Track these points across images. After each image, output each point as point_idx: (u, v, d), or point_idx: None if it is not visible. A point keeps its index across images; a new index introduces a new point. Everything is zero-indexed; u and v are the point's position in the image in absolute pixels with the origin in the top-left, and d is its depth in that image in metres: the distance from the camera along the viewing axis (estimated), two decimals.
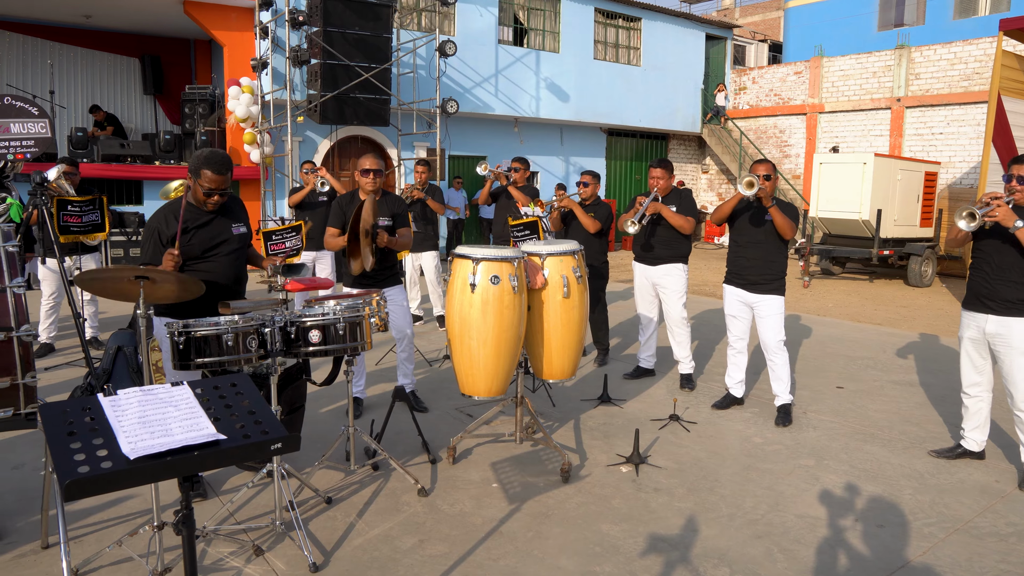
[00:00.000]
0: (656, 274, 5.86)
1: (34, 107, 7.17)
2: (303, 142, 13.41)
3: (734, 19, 28.18)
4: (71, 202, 6.12)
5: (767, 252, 5.05)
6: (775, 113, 19.08)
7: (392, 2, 12.20)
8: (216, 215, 3.69)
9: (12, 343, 2.68)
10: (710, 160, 20.62)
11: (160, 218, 3.57)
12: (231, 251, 3.74)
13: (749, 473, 4.24)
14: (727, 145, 19.28)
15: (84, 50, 14.75)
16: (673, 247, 5.77)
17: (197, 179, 3.56)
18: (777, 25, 26.98)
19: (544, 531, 3.52)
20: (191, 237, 3.58)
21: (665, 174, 5.71)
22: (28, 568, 3.14)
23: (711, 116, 19.54)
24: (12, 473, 4.13)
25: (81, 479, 1.65)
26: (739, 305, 5.25)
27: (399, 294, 4.99)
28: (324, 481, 4.03)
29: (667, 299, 5.87)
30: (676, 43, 18.68)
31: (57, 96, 13.53)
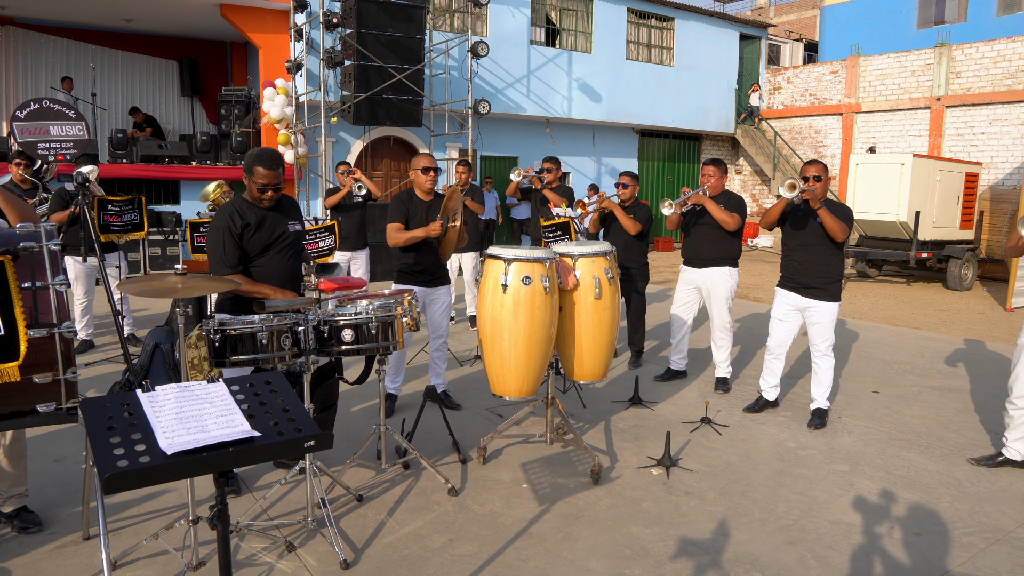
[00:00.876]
0: (702, 277, 5.77)
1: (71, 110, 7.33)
2: (336, 143, 13.55)
3: (768, 18, 27.85)
4: (111, 201, 6.26)
5: (819, 255, 4.92)
6: (810, 113, 18.83)
7: (425, 3, 12.27)
8: (272, 213, 3.78)
9: (54, 339, 2.74)
10: (743, 161, 20.41)
11: (225, 216, 3.66)
12: (287, 248, 3.82)
13: (782, 478, 4.19)
14: (761, 146, 19.06)
15: (125, 53, 15.07)
16: (720, 248, 5.67)
17: (251, 177, 3.67)
18: (813, 24, 26.61)
19: (574, 533, 3.51)
20: (252, 235, 3.67)
21: (717, 172, 5.64)
22: (69, 558, 3.22)
23: (745, 116, 19.34)
24: (54, 466, 4.23)
25: (120, 473, 1.68)
26: (789, 309, 5.14)
27: (446, 294, 5.06)
28: (355, 479, 4.06)
29: (713, 302, 5.77)
30: (710, 43, 18.52)
31: (98, 98, 13.83)
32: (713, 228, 5.64)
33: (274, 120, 12.46)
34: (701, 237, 5.73)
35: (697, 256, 5.78)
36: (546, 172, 7.08)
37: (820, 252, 4.92)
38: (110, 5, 12.93)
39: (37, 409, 2.79)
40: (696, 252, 5.79)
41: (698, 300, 5.91)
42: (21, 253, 2.66)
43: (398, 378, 5.11)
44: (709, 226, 5.66)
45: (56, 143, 6.97)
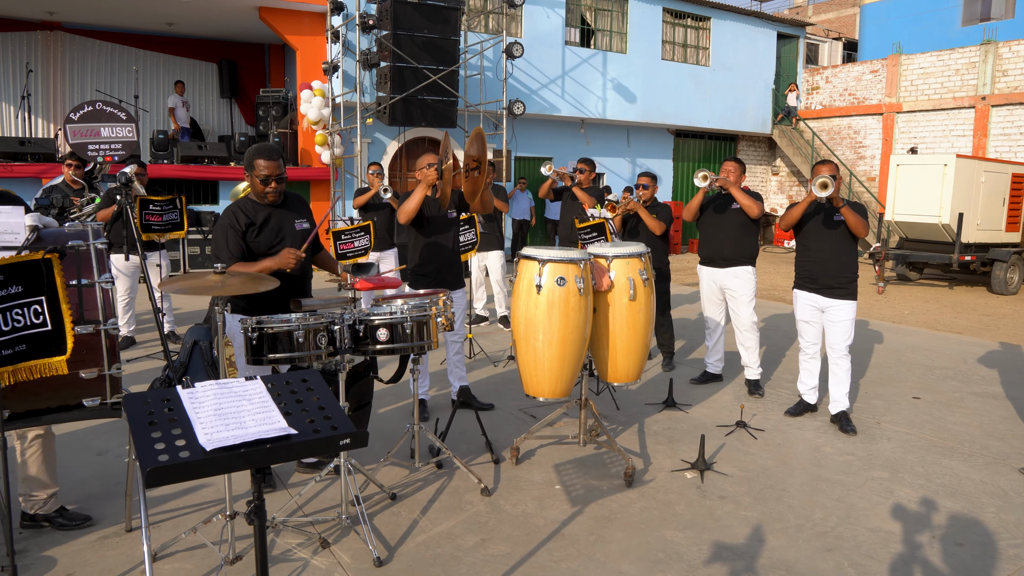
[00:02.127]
0: (724, 277, 5.75)
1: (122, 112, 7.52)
2: (372, 143, 13.66)
3: (807, 17, 27.45)
4: (152, 201, 6.38)
5: (839, 255, 4.93)
6: (849, 113, 18.51)
7: (460, 5, 12.32)
8: (279, 211, 3.79)
9: (100, 335, 2.80)
10: (780, 162, 20.14)
11: (229, 214, 3.69)
12: (294, 246, 3.82)
13: (818, 483, 4.12)
14: (798, 146, 18.79)
15: (166, 56, 15.38)
16: (741, 248, 5.65)
17: (253, 171, 3.69)
18: (852, 22, 26.16)
19: (607, 535, 3.49)
20: (258, 232, 3.69)
21: (737, 168, 5.63)
22: (112, 549, 3.29)
23: (782, 117, 19.08)
24: (97, 459, 4.32)
25: (161, 467, 1.71)
26: (811, 310, 5.12)
27: (461, 297, 5.08)
28: (389, 477, 4.09)
29: (735, 303, 5.75)
30: (746, 42, 18.32)
31: (141, 100, 14.13)
32: (734, 226, 5.64)
33: (311, 122, 12.61)
34: (722, 236, 5.71)
35: (719, 256, 5.75)
36: (579, 173, 7.06)
37: (840, 251, 4.94)
38: (153, 9, 13.20)
39: (83, 403, 2.87)
40: (718, 251, 5.76)
41: (724, 300, 5.87)
42: (68, 251, 2.72)
43: (425, 382, 5.13)
44: (730, 223, 5.65)
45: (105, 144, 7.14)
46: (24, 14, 13.59)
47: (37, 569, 3.12)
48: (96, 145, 7.08)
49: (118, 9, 13.15)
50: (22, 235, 2.53)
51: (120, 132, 7.23)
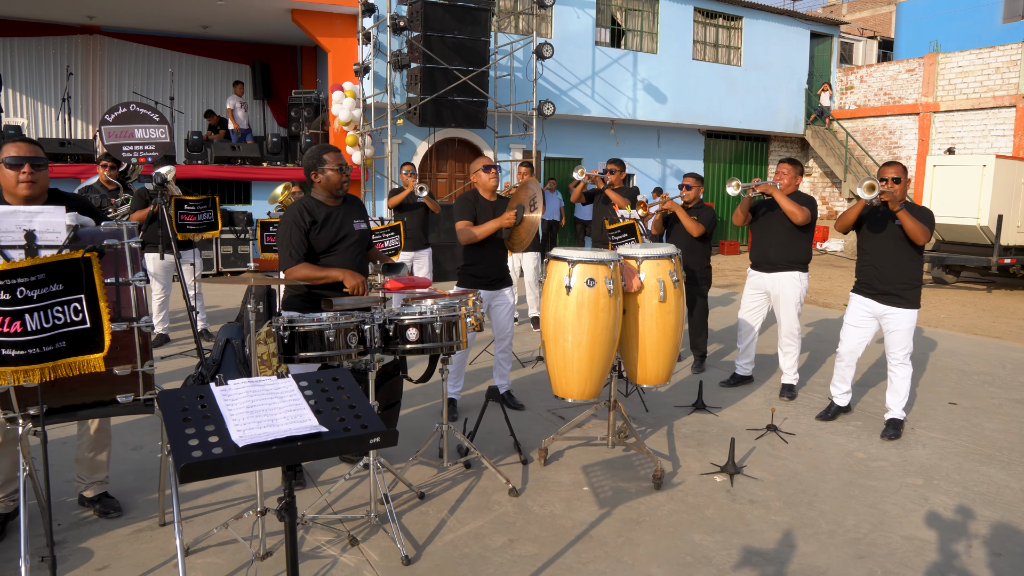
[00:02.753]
0: (771, 281, 5.63)
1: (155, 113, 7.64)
2: (402, 144, 13.74)
3: (841, 15, 27.06)
4: (188, 201, 6.49)
5: (898, 260, 4.75)
6: (884, 113, 18.22)
7: (490, 6, 12.34)
8: (339, 210, 3.86)
9: (133, 333, 2.85)
10: (813, 163, 19.88)
11: (294, 212, 3.77)
12: (353, 245, 3.89)
13: (851, 489, 4.06)
14: (831, 147, 18.53)
15: (201, 58, 15.63)
16: (790, 252, 5.52)
17: (323, 167, 3.77)
18: (888, 21, 25.75)
19: (635, 537, 3.47)
20: (319, 230, 3.76)
21: (792, 171, 5.49)
22: (146, 543, 3.35)
23: (815, 117, 18.83)
24: (132, 454, 4.40)
25: (195, 463, 1.74)
26: (864, 316, 4.98)
27: (510, 296, 5.09)
28: (417, 476, 4.11)
29: (781, 308, 5.63)
30: (779, 42, 18.11)
31: (176, 102, 14.37)
32: (782, 230, 5.50)
33: (343, 122, 12.72)
34: (770, 239, 5.58)
35: (766, 260, 5.64)
36: (609, 173, 7.04)
37: (899, 257, 4.75)
38: (189, 13, 13.42)
39: (117, 399, 2.92)
40: (765, 256, 5.65)
41: (766, 305, 5.78)
42: (105, 250, 2.77)
43: (458, 382, 5.13)
44: (779, 227, 5.52)
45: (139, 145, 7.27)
46: (65, 19, 13.91)
47: (75, 560, 3.19)
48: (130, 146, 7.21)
49: (155, 13, 13.40)
50: (63, 234, 2.58)
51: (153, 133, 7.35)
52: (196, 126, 15.06)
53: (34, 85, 14.27)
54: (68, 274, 2.38)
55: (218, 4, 12.63)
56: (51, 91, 14.29)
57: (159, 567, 3.15)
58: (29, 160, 3.07)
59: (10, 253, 2.53)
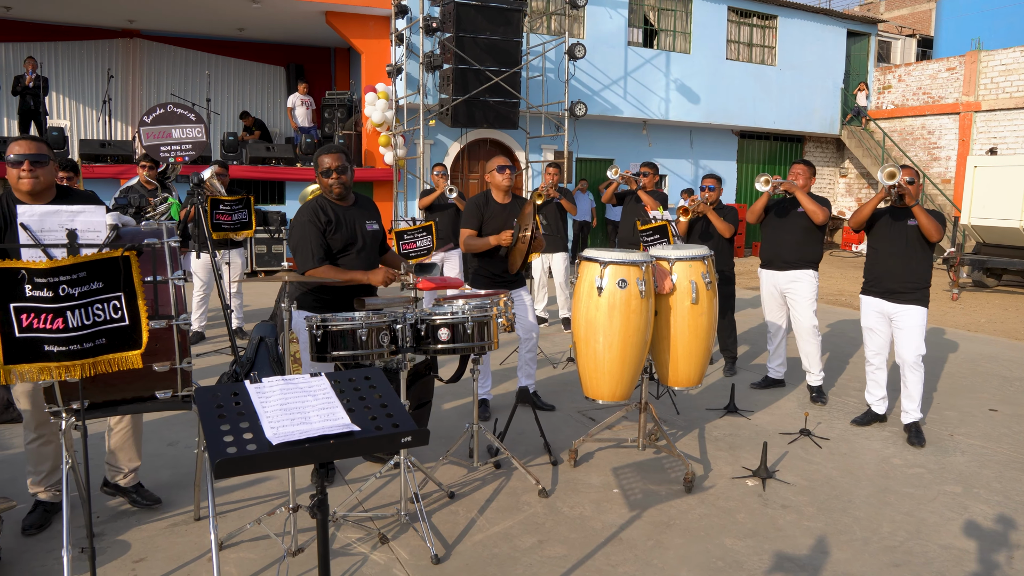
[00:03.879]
0: (784, 280, 5.63)
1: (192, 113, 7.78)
2: (434, 145, 13.80)
3: (879, 13, 26.60)
4: (223, 201, 6.59)
5: (908, 258, 4.76)
6: (923, 113, 17.86)
7: (522, 7, 12.34)
8: (351, 211, 3.88)
9: (172, 330, 2.91)
10: (849, 163, 19.57)
11: (308, 211, 3.80)
12: (366, 246, 3.92)
13: (886, 496, 3.98)
14: (868, 147, 18.21)
15: (237, 60, 15.86)
16: (802, 251, 5.51)
17: (319, 168, 3.82)
18: (927, 18, 25.25)
19: (665, 541, 3.45)
20: (333, 231, 3.79)
21: (806, 171, 5.52)
22: (181, 536, 3.41)
23: (851, 117, 18.53)
24: (168, 449, 4.49)
25: (230, 459, 1.76)
26: (877, 317, 4.96)
27: (525, 296, 5.08)
28: (447, 476, 4.12)
29: (796, 307, 5.61)
30: (814, 41, 17.85)
31: (212, 103, 14.61)
32: (797, 229, 5.51)
33: (375, 124, 12.81)
34: (784, 238, 5.59)
35: (779, 258, 5.63)
36: (642, 176, 7.02)
37: (910, 256, 4.77)
38: (226, 16, 13.63)
39: (156, 395, 2.98)
40: (778, 254, 5.64)
41: (785, 303, 5.73)
42: (144, 249, 2.83)
43: (486, 382, 5.14)
44: (793, 226, 5.53)
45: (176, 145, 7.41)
46: (107, 23, 14.23)
47: (112, 552, 3.26)
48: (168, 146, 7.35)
49: (193, 16, 13.63)
50: (103, 233, 2.64)
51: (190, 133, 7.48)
52: (232, 127, 15.28)
53: (77, 88, 14.60)
54: (108, 272, 2.44)
55: (254, 7, 12.81)
56: (93, 94, 14.62)
57: (193, 561, 3.20)
58: (28, 157, 3.15)
59: (53, 251, 2.60)
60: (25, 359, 2.36)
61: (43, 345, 2.37)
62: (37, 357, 2.37)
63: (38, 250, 2.56)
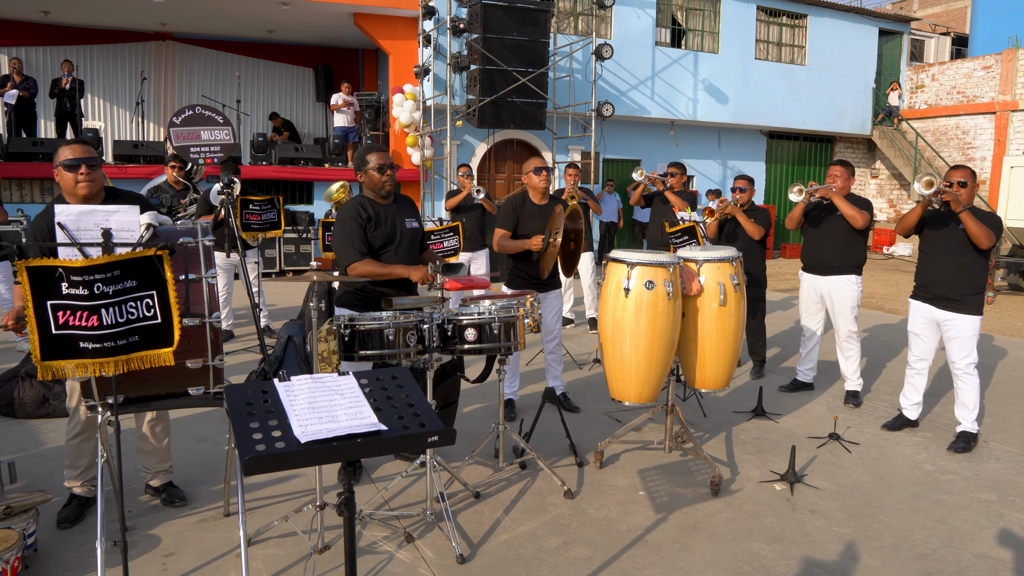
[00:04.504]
0: (826, 285, 5.51)
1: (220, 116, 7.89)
2: (461, 145, 13.84)
3: (912, 11, 26.18)
4: (252, 201, 6.66)
5: (959, 264, 4.59)
6: (957, 112, 17.54)
7: (550, 7, 12.34)
8: (391, 209, 3.93)
9: (204, 328, 2.95)
10: (880, 164, 19.28)
11: (351, 208, 3.85)
12: (406, 243, 3.95)
13: (918, 503, 3.92)
14: (900, 148, 17.94)
15: (266, 62, 16.05)
16: (846, 255, 5.40)
17: (367, 167, 3.85)
18: (962, 16, 24.80)
19: (691, 544, 3.43)
20: (374, 228, 3.83)
21: (844, 173, 5.36)
22: (210, 532, 3.45)
23: (883, 117, 18.25)
24: (198, 445, 4.55)
25: (259, 456, 1.78)
26: (924, 323, 4.84)
27: (557, 298, 5.09)
28: (473, 476, 4.13)
29: (837, 312, 5.50)
30: (845, 40, 17.61)
31: (242, 104, 14.79)
32: (838, 232, 5.38)
33: (403, 124, 12.88)
34: (825, 242, 5.47)
35: (820, 263, 5.52)
36: (670, 176, 6.97)
37: (961, 261, 4.58)
38: (256, 18, 13.79)
39: (188, 392, 3.02)
40: (819, 259, 5.52)
41: (824, 308, 5.64)
42: (178, 248, 2.87)
43: (514, 382, 5.14)
44: (834, 230, 5.40)
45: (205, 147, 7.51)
46: (140, 26, 14.48)
47: (144, 546, 3.31)
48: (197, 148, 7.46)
49: (224, 18, 13.81)
50: (136, 233, 2.68)
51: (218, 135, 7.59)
52: (261, 128, 15.46)
53: (111, 90, 14.87)
54: (141, 271, 2.48)
55: (283, 9, 12.94)
56: (126, 95, 14.88)
57: (222, 556, 3.24)
58: (85, 161, 3.21)
59: (88, 250, 2.64)
60: (61, 355, 2.41)
61: (78, 342, 2.41)
62: (73, 354, 2.42)
63: (74, 249, 2.61)
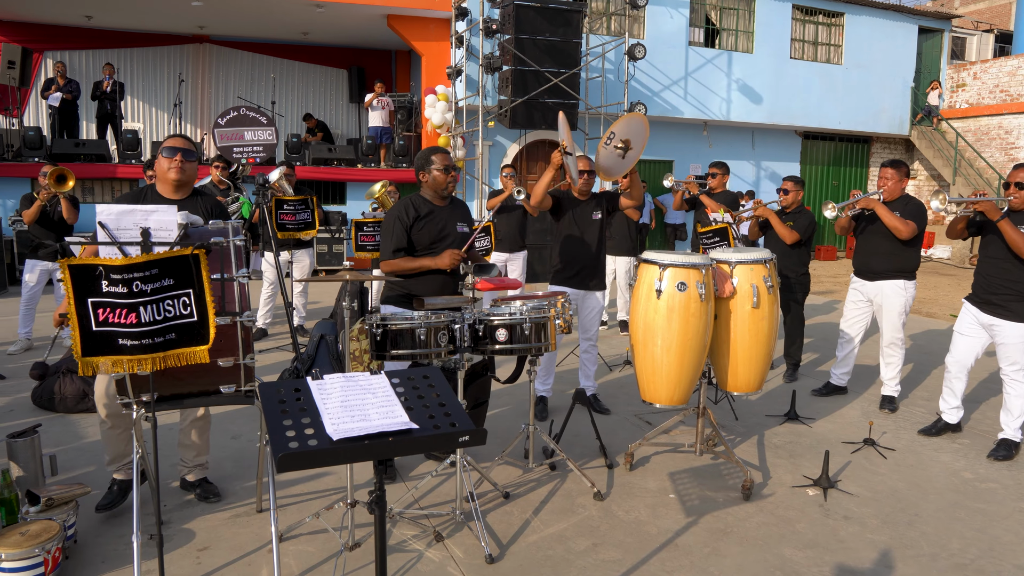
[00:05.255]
0: (875, 290, 5.39)
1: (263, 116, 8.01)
2: (493, 146, 13.87)
3: (953, 8, 25.64)
4: (287, 201, 6.75)
5: (1007, 270, 4.46)
6: (1000, 112, 17.14)
7: (582, 8, 12.31)
8: (444, 211, 3.99)
9: (236, 327, 2.99)
10: (919, 165, 18.92)
11: (400, 207, 3.94)
12: (452, 245, 3.99)
13: (956, 511, 3.84)
14: (939, 148, 17.58)
15: (300, 64, 16.24)
16: (896, 260, 5.25)
17: (431, 167, 3.94)
18: (1007, 12, 24.23)
19: (722, 548, 3.39)
20: (422, 227, 3.89)
21: (897, 175, 5.17)
22: (243, 527, 3.50)
23: (922, 117, 17.90)
24: (231, 442, 4.61)
25: (291, 454, 1.80)
26: (971, 325, 4.73)
27: (600, 299, 5.11)
28: (502, 476, 4.14)
29: (885, 317, 5.37)
30: (883, 38, 17.31)
31: (277, 105, 14.97)
32: (886, 237, 5.23)
33: (435, 125, 12.95)
34: (873, 247, 5.33)
35: (868, 268, 5.40)
36: (710, 177, 6.87)
37: (1009, 267, 4.45)
38: (291, 20, 13.96)
39: (221, 390, 3.07)
40: (867, 264, 5.40)
41: (869, 314, 5.53)
42: (212, 247, 2.92)
43: (548, 380, 5.16)
44: (882, 234, 5.25)
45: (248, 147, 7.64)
46: (178, 29, 14.75)
47: (178, 540, 3.37)
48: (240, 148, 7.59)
49: (260, 21, 14.00)
50: (174, 232, 2.73)
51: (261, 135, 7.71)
52: (296, 129, 15.64)
53: (150, 92, 15.16)
54: (179, 270, 2.52)
55: (318, 11, 13.08)
56: (164, 97, 15.15)
57: (255, 551, 3.28)
58: (182, 151, 3.50)
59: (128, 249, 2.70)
60: (101, 352, 2.46)
61: (117, 339, 2.46)
62: (112, 350, 2.47)
63: (114, 247, 2.67)
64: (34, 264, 6.74)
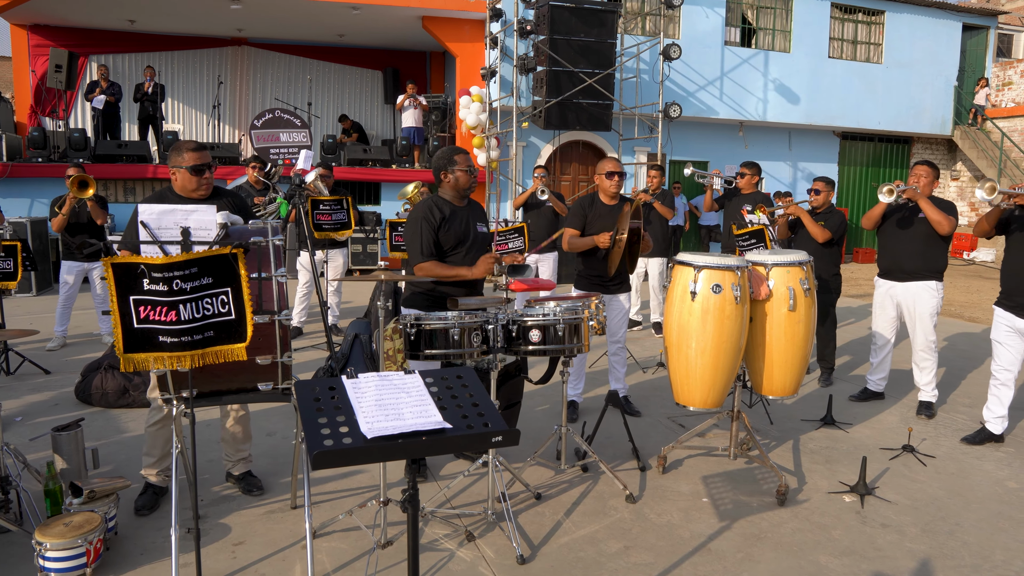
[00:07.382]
0: (904, 292, 5.30)
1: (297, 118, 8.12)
2: (527, 147, 13.87)
3: (999, 5, 25.00)
4: (323, 201, 6.82)
5: None
6: None
7: (617, 8, 12.26)
8: (464, 211, 4.00)
9: (274, 325, 3.03)
10: (962, 166, 18.49)
11: (424, 208, 3.92)
12: (475, 245, 4.00)
13: (999, 521, 3.74)
14: (983, 149, 17.15)
15: (336, 65, 16.42)
16: (926, 261, 5.17)
17: (455, 167, 3.93)
18: None
19: (755, 554, 3.35)
20: (448, 229, 3.89)
21: (930, 173, 5.12)
22: (277, 523, 3.55)
23: (974, 114, 17.46)
24: (266, 439, 4.68)
25: (326, 451, 1.82)
26: (1006, 331, 4.62)
27: (625, 301, 5.07)
28: (534, 477, 4.13)
29: (916, 320, 5.28)
30: (925, 36, 16.94)
31: (313, 107, 15.15)
32: (918, 237, 5.16)
33: (469, 126, 12.99)
34: (904, 246, 5.24)
35: (898, 268, 5.30)
36: (739, 177, 6.80)
37: None
38: (327, 22, 14.12)
39: (258, 387, 3.11)
40: (897, 263, 5.30)
41: (899, 317, 5.43)
42: (251, 247, 2.97)
43: (579, 384, 5.13)
44: (914, 234, 5.17)
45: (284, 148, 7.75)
46: (217, 32, 15.02)
47: (215, 534, 3.43)
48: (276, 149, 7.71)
49: (297, 24, 14.19)
50: (214, 231, 2.78)
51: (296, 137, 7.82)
52: (331, 130, 15.81)
53: (190, 94, 15.46)
54: (218, 268, 2.56)
55: (354, 13, 13.21)
56: (204, 99, 15.43)
57: (289, 547, 3.33)
58: (208, 167, 3.55)
59: (168, 248, 2.75)
60: (142, 348, 2.52)
61: (158, 336, 2.52)
62: (152, 347, 2.53)
63: (156, 246, 2.72)
64: (72, 266, 6.91)
